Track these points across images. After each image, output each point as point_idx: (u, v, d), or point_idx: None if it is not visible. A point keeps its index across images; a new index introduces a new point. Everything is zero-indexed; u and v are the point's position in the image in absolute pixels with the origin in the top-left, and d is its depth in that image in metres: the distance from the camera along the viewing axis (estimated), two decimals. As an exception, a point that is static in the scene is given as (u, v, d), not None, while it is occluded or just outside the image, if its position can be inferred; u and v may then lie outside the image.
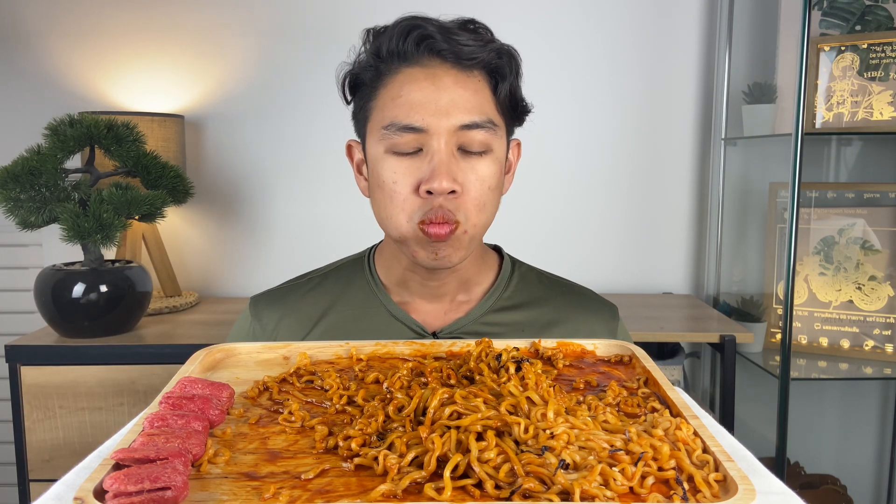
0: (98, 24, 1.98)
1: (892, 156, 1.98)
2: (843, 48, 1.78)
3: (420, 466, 0.46)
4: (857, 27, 1.80)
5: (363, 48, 0.86)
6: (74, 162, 1.74)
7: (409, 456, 0.46)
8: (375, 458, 0.47)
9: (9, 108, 2.00)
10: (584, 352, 0.72)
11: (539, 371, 0.61)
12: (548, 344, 0.73)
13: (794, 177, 1.61)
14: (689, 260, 2.10)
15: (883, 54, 1.74)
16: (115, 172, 1.63)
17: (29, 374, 1.53)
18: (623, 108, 2.02)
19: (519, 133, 0.92)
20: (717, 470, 0.46)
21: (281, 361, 0.70)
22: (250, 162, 2.04)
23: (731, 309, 1.92)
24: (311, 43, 2.00)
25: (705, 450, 0.48)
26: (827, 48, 1.80)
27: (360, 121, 0.87)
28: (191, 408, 0.53)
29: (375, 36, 0.85)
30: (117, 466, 0.44)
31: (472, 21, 0.83)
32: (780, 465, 1.70)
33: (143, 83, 2.00)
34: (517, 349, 0.68)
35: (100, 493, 0.42)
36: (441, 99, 0.79)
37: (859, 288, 1.86)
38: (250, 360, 0.71)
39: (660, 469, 0.46)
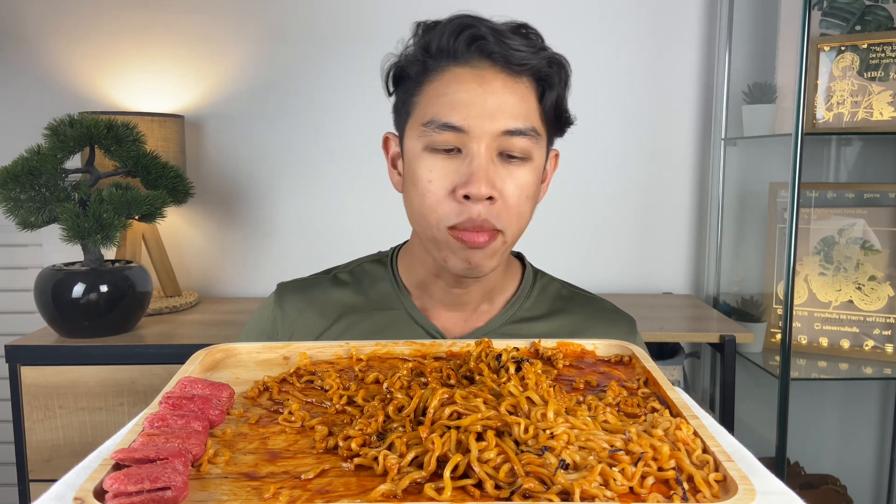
0: (98, 24, 1.98)
1: (892, 156, 1.98)
2: (843, 48, 1.78)
3: (420, 466, 0.46)
4: (857, 27, 1.80)
5: (411, 41, 0.84)
6: (74, 162, 1.74)
7: (409, 456, 0.46)
8: (375, 458, 0.47)
9: (9, 108, 2.00)
10: (584, 352, 0.72)
11: (539, 371, 0.61)
12: (548, 344, 0.73)
13: (794, 177, 1.61)
14: (689, 260, 2.10)
15: (883, 54, 1.74)
16: (115, 172, 1.63)
17: (29, 374, 1.53)
18: (623, 107, 2.02)
19: None
20: (717, 470, 0.46)
21: (281, 361, 0.70)
22: (250, 162, 2.04)
23: (731, 309, 1.92)
24: (311, 43, 2.00)
25: (705, 450, 0.48)
26: (827, 48, 1.80)
27: (401, 115, 0.85)
28: (191, 408, 0.53)
29: (426, 30, 0.83)
30: (117, 466, 0.44)
31: (525, 25, 0.82)
32: (780, 465, 1.70)
33: (143, 83, 2.01)
34: (517, 349, 0.68)
35: (100, 493, 0.42)
36: (487, 102, 0.77)
37: (859, 288, 1.86)
38: (250, 361, 0.70)
39: (660, 469, 0.46)
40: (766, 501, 0.43)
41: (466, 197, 0.77)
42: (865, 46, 1.76)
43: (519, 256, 0.99)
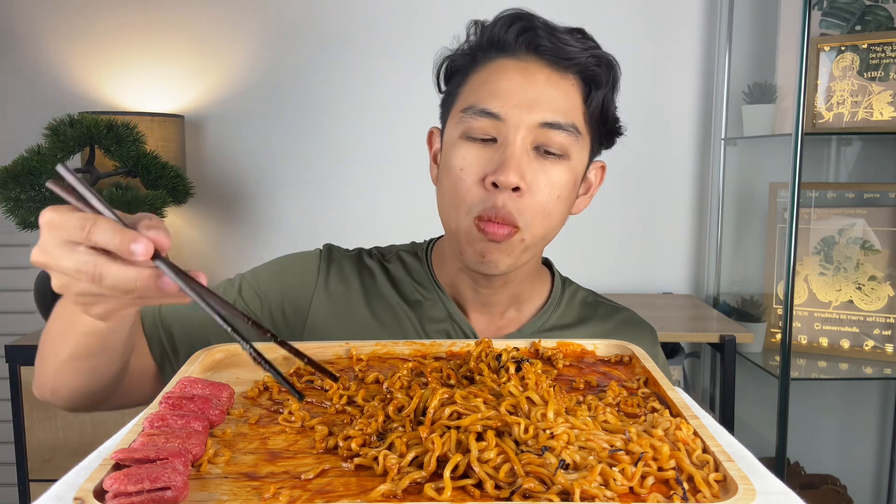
0: (98, 24, 1.98)
1: (892, 156, 1.98)
2: (843, 48, 1.78)
3: (420, 466, 0.46)
4: (857, 27, 1.80)
5: (466, 38, 0.83)
6: (74, 162, 1.74)
7: (409, 456, 0.46)
8: (375, 458, 0.47)
9: (9, 108, 2.00)
10: (584, 352, 0.72)
11: (539, 371, 0.61)
12: (548, 344, 0.73)
13: (794, 177, 1.61)
14: (689, 260, 2.10)
15: (883, 54, 1.74)
16: (115, 172, 1.63)
17: (29, 374, 1.53)
18: (623, 107, 2.01)
19: None
20: (717, 470, 0.46)
21: (281, 362, 0.70)
22: (250, 162, 2.04)
23: (731, 309, 1.92)
24: (311, 43, 2.00)
25: (705, 450, 0.48)
26: (827, 48, 1.80)
27: (446, 106, 0.84)
28: (191, 408, 0.53)
29: (481, 29, 0.82)
30: (117, 466, 0.44)
31: (581, 30, 0.81)
32: (780, 465, 1.70)
33: (143, 83, 2.01)
34: (517, 349, 0.68)
35: (100, 493, 0.42)
36: (528, 92, 0.76)
37: (859, 288, 1.86)
38: (250, 361, 0.70)
39: (660, 469, 0.46)
40: (766, 501, 0.43)
41: (495, 185, 0.75)
42: (865, 46, 1.76)
43: (548, 264, 0.96)
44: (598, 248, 2.08)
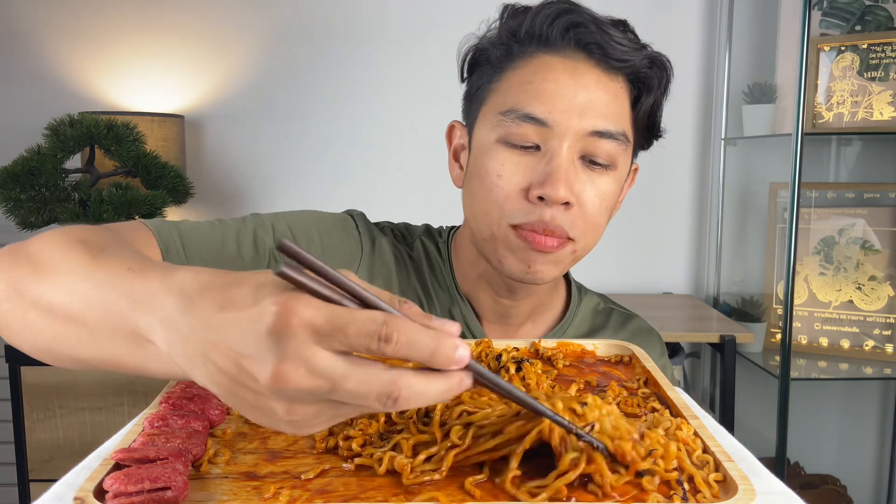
0: (98, 24, 1.98)
1: (892, 156, 1.98)
2: (843, 48, 1.78)
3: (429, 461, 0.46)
4: (857, 27, 1.80)
5: (496, 23, 0.75)
6: (74, 162, 1.74)
7: (422, 456, 0.46)
8: (379, 460, 0.47)
9: (9, 108, 2.00)
10: (584, 352, 0.72)
11: (539, 371, 0.61)
12: (548, 344, 0.72)
13: (794, 177, 1.61)
14: (689, 260, 2.10)
15: (883, 54, 1.74)
16: (115, 172, 1.63)
17: (29, 374, 1.53)
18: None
19: None
20: (717, 470, 0.46)
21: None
22: (250, 162, 2.04)
23: (731, 309, 1.92)
24: (311, 43, 2.00)
25: (705, 450, 0.48)
26: (827, 48, 1.80)
27: (474, 102, 0.77)
28: (191, 408, 0.53)
29: (514, 14, 0.74)
30: (117, 466, 0.44)
31: (624, 23, 0.74)
32: (780, 465, 1.70)
33: (143, 83, 2.01)
34: (517, 349, 0.68)
35: (100, 493, 0.42)
36: (578, 96, 0.69)
37: (859, 288, 1.86)
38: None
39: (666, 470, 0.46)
40: (766, 501, 0.43)
41: (541, 199, 0.69)
42: (865, 46, 1.76)
43: None
44: (598, 249, 2.06)
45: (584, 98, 0.69)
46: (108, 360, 0.47)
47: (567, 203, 0.70)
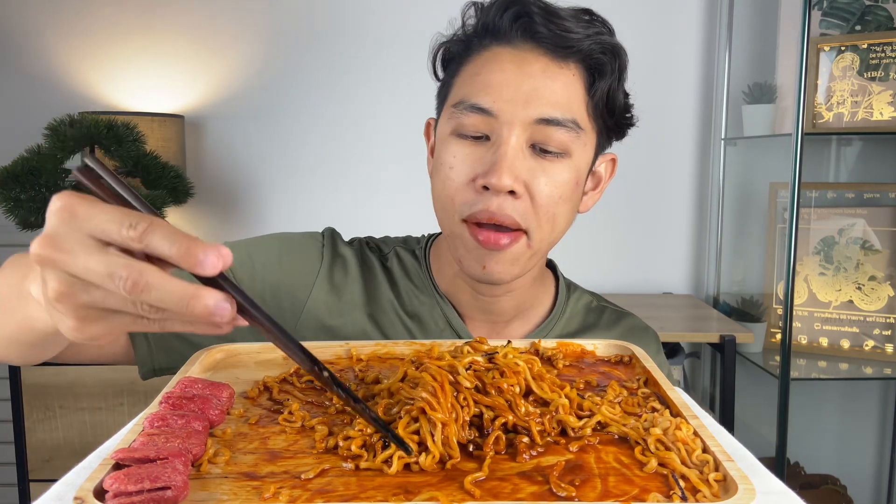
0: (98, 23, 1.98)
1: (892, 156, 1.98)
2: (843, 48, 1.78)
3: (421, 445, 0.48)
4: (857, 27, 1.80)
5: (462, 22, 0.77)
6: (74, 162, 1.73)
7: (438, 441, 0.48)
8: (386, 461, 0.47)
9: (9, 108, 2.00)
10: (584, 352, 0.72)
11: (518, 358, 0.60)
12: (548, 344, 0.72)
13: (794, 177, 1.61)
14: (689, 260, 2.10)
15: (883, 54, 1.74)
16: (115, 172, 1.63)
17: (29, 374, 1.53)
18: (623, 108, 2.02)
19: None
20: (716, 470, 0.46)
21: (281, 362, 0.70)
22: (250, 162, 2.04)
23: (731, 309, 1.92)
24: (311, 43, 2.00)
25: (705, 449, 0.48)
26: (827, 48, 1.80)
27: (440, 98, 0.78)
28: (191, 408, 0.53)
29: (475, 10, 0.76)
30: (117, 466, 0.44)
31: (589, 11, 0.74)
32: (780, 465, 1.70)
33: (144, 83, 2.01)
34: (509, 344, 0.68)
35: (100, 493, 0.42)
36: (523, 85, 0.70)
37: (859, 288, 1.86)
38: (250, 361, 0.70)
39: (660, 464, 0.46)
40: (766, 501, 0.43)
41: (486, 188, 0.69)
42: (865, 46, 1.76)
43: (551, 266, 0.91)
44: (598, 248, 2.08)
45: (529, 87, 0.70)
46: (16, 324, 0.59)
47: (513, 192, 0.70)
